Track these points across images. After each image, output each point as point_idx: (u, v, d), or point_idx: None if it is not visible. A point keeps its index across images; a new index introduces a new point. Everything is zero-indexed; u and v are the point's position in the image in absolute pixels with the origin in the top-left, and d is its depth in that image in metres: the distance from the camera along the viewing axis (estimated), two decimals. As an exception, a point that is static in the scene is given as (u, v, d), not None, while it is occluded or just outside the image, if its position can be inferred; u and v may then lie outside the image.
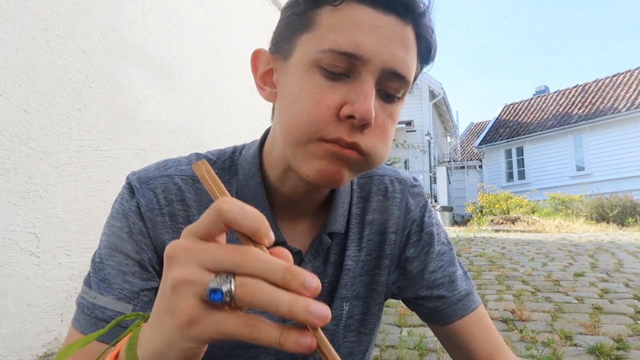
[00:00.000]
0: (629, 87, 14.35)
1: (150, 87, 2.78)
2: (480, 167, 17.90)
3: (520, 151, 16.46)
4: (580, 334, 2.50)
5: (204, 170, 0.31)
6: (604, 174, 13.57)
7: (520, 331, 2.58)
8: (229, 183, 0.60)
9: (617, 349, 2.24)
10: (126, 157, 2.57)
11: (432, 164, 14.66)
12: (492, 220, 10.59)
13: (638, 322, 2.67)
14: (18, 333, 1.93)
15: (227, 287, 0.27)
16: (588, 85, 16.25)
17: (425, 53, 0.53)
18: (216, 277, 0.28)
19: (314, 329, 0.29)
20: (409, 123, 14.12)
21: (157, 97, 2.84)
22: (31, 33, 2.01)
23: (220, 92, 3.53)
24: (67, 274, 2.18)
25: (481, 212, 12.62)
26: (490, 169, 17.51)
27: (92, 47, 2.35)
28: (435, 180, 14.53)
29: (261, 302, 0.27)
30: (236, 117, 3.72)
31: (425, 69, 0.57)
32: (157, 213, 0.56)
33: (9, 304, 1.90)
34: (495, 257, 5.26)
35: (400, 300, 0.71)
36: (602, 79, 15.94)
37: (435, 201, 13.99)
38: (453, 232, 9.17)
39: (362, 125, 0.47)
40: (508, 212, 11.80)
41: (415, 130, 14.27)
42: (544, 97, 17.84)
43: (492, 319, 1.80)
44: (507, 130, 17.40)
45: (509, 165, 16.91)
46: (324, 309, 0.28)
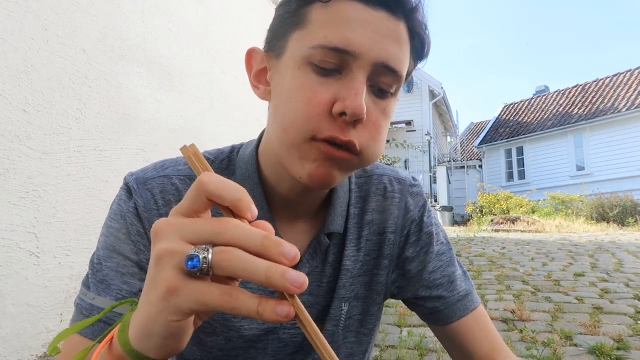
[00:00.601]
0: (630, 87, 14.34)
1: (149, 87, 2.78)
2: (481, 167, 17.90)
3: (520, 151, 16.46)
4: (581, 334, 2.50)
5: (190, 152, 0.32)
6: (605, 174, 13.56)
7: (521, 331, 2.58)
8: None
9: (618, 349, 2.24)
10: (126, 157, 2.56)
11: (432, 164, 14.65)
12: (492, 220, 10.59)
13: (638, 322, 2.67)
14: (18, 333, 1.93)
15: (204, 255, 0.28)
16: (588, 85, 16.24)
17: (419, 49, 0.53)
18: (195, 247, 0.29)
19: (292, 298, 0.29)
20: (409, 123, 14.11)
21: (157, 97, 2.84)
22: (31, 33, 2.01)
23: (220, 92, 3.53)
24: (66, 274, 2.18)
25: (481, 212, 12.62)
26: (491, 169, 17.50)
27: (91, 47, 2.35)
28: (435, 180, 14.52)
29: (238, 269, 0.28)
30: (236, 117, 3.72)
31: (420, 65, 0.56)
32: (155, 214, 0.56)
33: (9, 304, 1.90)
34: (495, 257, 5.26)
35: (400, 301, 0.71)
36: (602, 79, 15.93)
37: (436, 201, 13.98)
38: (453, 232, 9.16)
39: (355, 122, 0.47)
40: (508, 212, 11.80)
41: (415, 130, 14.26)
42: (544, 97, 17.83)
43: (492, 319, 1.80)
44: (507, 130, 17.40)
45: (509, 165, 16.91)
46: (300, 276, 0.28)
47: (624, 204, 10.25)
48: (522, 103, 18.66)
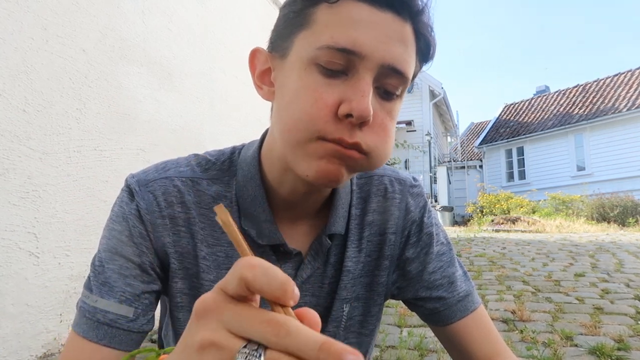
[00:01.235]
0: (630, 87, 14.33)
1: (149, 87, 2.78)
2: (481, 167, 17.89)
3: (520, 151, 16.45)
4: (581, 334, 2.49)
5: (223, 219, 0.29)
6: (605, 174, 13.55)
7: (521, 331, 2.57)
8: (228, 184, 0.60)
9: (618, 349, 2.23)
10: (126, 157, 2.56)
11: (433, 164, 14.65)
12: (492, 221, 10.58)
13: (639, 322, 2.67)
14: (17, 333, 1.93)
15: None
16: (589, 85, 16.23)
17: (425, 51, 0.53)
18: (245, 348, 0.26)
19: None
20: (409, 123, 14.11)
21: (157, 97, 2.84)
22: (30, 32, 2.00)
23: (220, 92, 3.53)
24: (66, 274, 2.17)
25: (481, 212, 12.61)
26: (491, 168, 17.50)
27: (91, 47, 2.35)
28: (435, 180, 14.52)
29: None
30: (236, 117, 3.72)
31: (425, 67, 0.56)
32: (157, 216, 0.56)
33: (8, 304, 1.90)
34: (495, 257, 5.26)
35: (400, 301, 0.71)
36: (603, 79, 15.92)
37: (436, 201, 13.98)
38: (453, 232, 9.16)
39: (361, 124, 0.47)
40: (508, 212, 11.79)
41: (415, 130, 14.26)
42: (545, 97, 17.83)
43: (492, 319, 1.79)
44: (507, 130, 17.39)
45: (510, 165, 16.90)
46: None
47: (624, 204, 10.25)
48: (523, 103, 18.65)
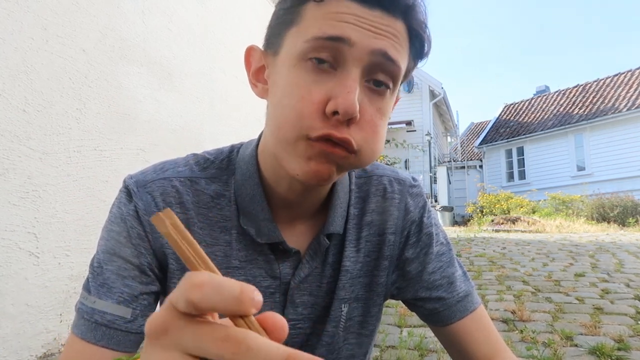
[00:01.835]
0: (630, 87, 14.32)
1: (149, 87, 2.78)
2: (481, 167, 17.89)
3: (520, 151, 16.45)
4: (581, 334, 2.49)
5: (168, 223, 0.25)
6: (605, 174, 13.55)
7: (521, 331, 2.57)
8: (227, 183, 0.60)
9: (618, 349, 2.23)
10: (125, 157, 2.56)
11: (433, 164, 14.64)
12: (492, 221, 10.58)
13: (639, 322, 2.67)
14: (17, 333, 1.93)
15: None
16: (589, 84, 16.23)
17: (419, 48, 0.52)
18: None
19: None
20: (409, 123, 14.10)
21: (157, 97, 2.84)
22: (30, 32, 2.00)
23: (220, 92, 3.53)
24: (66, 274, 2.17)
25: (481, 212, 12.61)
26: (491, 169, 17.49)
27: (91, 47, 2.35)
28: (435, 180, 14.51)
29: None
30: (236, 117, 3.72)
31: (420, 64, 0.55)
32: None
33: (8, 304, 1.90)
34: (495, 257, 5.25)
35: (400, 301, 0.71)
36: (603, 79, 15.91)
37: (436, 201, 13.97)
38: (453, 232, 9.16)
39: (348, 121, 0.46)
40: (508, 212, 11.79)
41: (415, 130, 14.25)
42: (545, 97, 17.82)
43: (492, 319, 1.78)
44: (507, 130, 17.39)
45: (510, 165, 16.90)
46: None
47: (624, 204, 10.24)
48: (523, 103, 18.64)
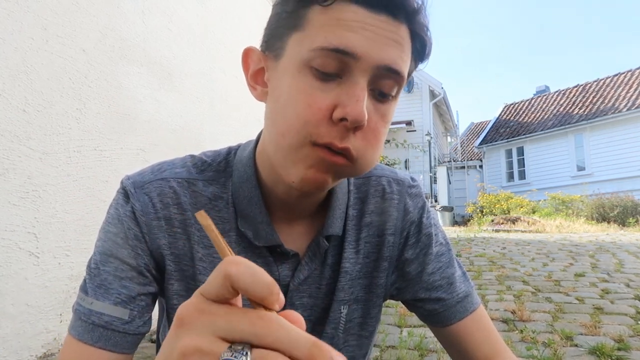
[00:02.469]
0: (630, 87, 14.32)
1: (149, 87, 2.78)
2: (481, 167, 17.89)
3: (520, 151, 16.45)
4: (581, 334, 2.49)
5: (209, 222, 0.28)
6: (605, 174, 13.55)
7: (521, 331, 2.57)
8: (224, 185, 0.59)
9: (618, 349, 2.23)
10: (125, 157, 2.56)
11: (433, 164, 14.64)
12: (492, 221, 10.58)
13: (639, 322, 2.67)
14: (17, 333, 1.93)
15: None
16: (589, 84, 16.23)
17: (420, 51, 0.52)
18: (230, 348, 0.25)
19: None
20: (409, 123, 14.10)
21: (157, 97, 2.84)
22: (30, 32, 2.00)
23: (220, 92, 3.52)
24: (66, 274, 2.17)
25: (481, 212, 12.61)
26: (491, 169, 17.49)
27: (91, 47, 2.34)
28: (435, 180, 14.51)
29: None
30: (236, 117, 3.72)
31: (421, 66, 0.55)
32: (152, 217, 0.56)
33: (8, 304, 1.90)
34: (495, 257, 5.25)
35: (399, 301, 0.70)
36: (603, 79, 15.91)
37: (436, 201, 13.97)
38: (453, 232, 9.16)
39: (355, 128, 0.47)
40: (508, 212, 11.79)
41: (415, 130, 14.25)
42: (545, 97, 17.82)
43: (492, 319, 1.78)
44: (507, 130, 17.39)
45: (510, 165, 16.90)
46: None
47: (624, 204, 10.25)
48: (523, 103, 18.64)
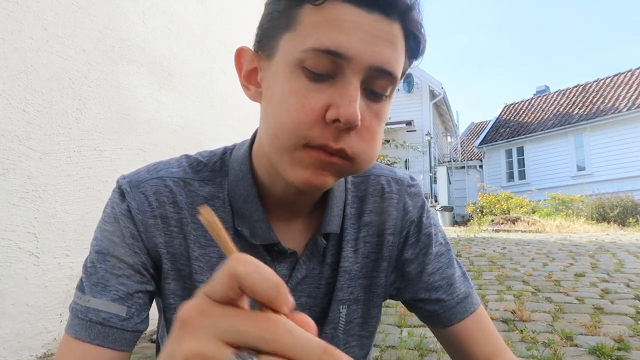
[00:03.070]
0: (630, 87, 14.33)
1: (149, 87, 2.78)
2: (481, 167, 17.89)
3: (520, 151, 16.45)
4: (581, 334, 2.49)
5: (208, 219, 0.26)
6: (605, 174, 13.56)
7: (521, 331, 2.57)
8: (220, 185, 0.59)
9: (618, 349, 2.23)
10: (125, 157, 2.56)
11: (433, 164, 14.64)
12: (492, 221, 10.58)
13: (639, 322, 2.67)
14: (17, 333, 1.93)
15: None
16: (589, 85, 16.23)
17: (414, 48, 0.52)
18: (236, 354, 0.23)
19: None
20: (409, 123, 14.10)
21: (157, 96, 2.84)
22: (30, 32, 2.00)
23: (220, 92, 3.53)
24: (66, 274, 2.17)
25: (481, 212, 12.61)
26: (491, 169, 17.49)
27: (91, 47, 2.34)
28: (435, 180, 14.52)
29: None
30: (236, 117, 3.72)
31: (416, 62, 0.55)
32: (149, 215, 0.56)
33: (8, 304, 1.90)
34: (495, 257, 5.25)
35: (399, 301, 0.70)
36: (603, 79, 15.92)
37: (436, 201, 13.97)
38: (453, 232, 9.16)
39: (349, 128, 0.47)
40: (508, 212, 11.79)
41: (415, 130, 14.26)
42: (545, 97, 17.82)
43: (492, 319, 1.78)
44: (507, 130, 17.39)
45: (510, 165, 16.90)
46: None
47: (624, 204, 10.25)
48: (523, 103, 18.65)
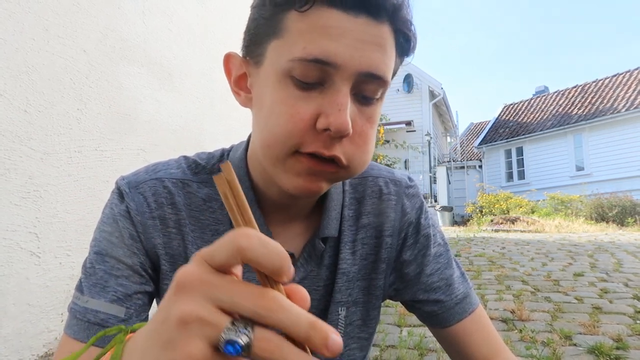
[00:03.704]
0: (629, 88, 14.34)
1: (150, 87, 2.78)
2: (480, 167, 17.90)
3: (520, 151, 16.46)
4: (580, 333, 2.50)
5: (226, 179, 0.27)
6: (604, 174, 13.57)
7: (520, 331, 2.58)
8: None
9: (617, 348, 2.24)
10: (126, 157, 2.57)
11: (432, 164, 14.65)
12: (491, 220, 10.59)
13: (637, 321, 2.68)
14: (18, 333, 1.93)
15: (246, 340, 0.24)
16: (588, 85, 16.25)
17: (405, 46, 0.51)
18: (234, 325, 0.24)
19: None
20: (409, 123, 14.11)
21: (157, 97, 2.84)
22: (31, 33, 2.01)
23: (220, 92, 3.53)
24: (67, 274, 2.18)
25: (481, 212, 12.62)
26: (490, 169, 17.50)
27: (92, 47, 2.35)
28: (435, 180, 14.52)
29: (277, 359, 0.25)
30: (236, 117, 3.72)
31: (407, 59, 0.54)
32: (147, 216, 0.56)
33: (10, 304, 1.90)
34: (495, 257, 5.26)
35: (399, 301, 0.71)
36: (601, 79, 15.93)
37: (435, 201, 13.97)
38: (453, 232, 9.16)
39: (340, 136, 0.46)
40: (508, 212, 11.80)
41: (415, 131, 14.26)
42: (544, 97, 17.84)
43: (491, 319, 1.79)
44: (507, 130, 17.40)
45: (509, 165, 16.91)
46: None
47: (623, 204, 10.26)
48: (522, 103, 18.66)
